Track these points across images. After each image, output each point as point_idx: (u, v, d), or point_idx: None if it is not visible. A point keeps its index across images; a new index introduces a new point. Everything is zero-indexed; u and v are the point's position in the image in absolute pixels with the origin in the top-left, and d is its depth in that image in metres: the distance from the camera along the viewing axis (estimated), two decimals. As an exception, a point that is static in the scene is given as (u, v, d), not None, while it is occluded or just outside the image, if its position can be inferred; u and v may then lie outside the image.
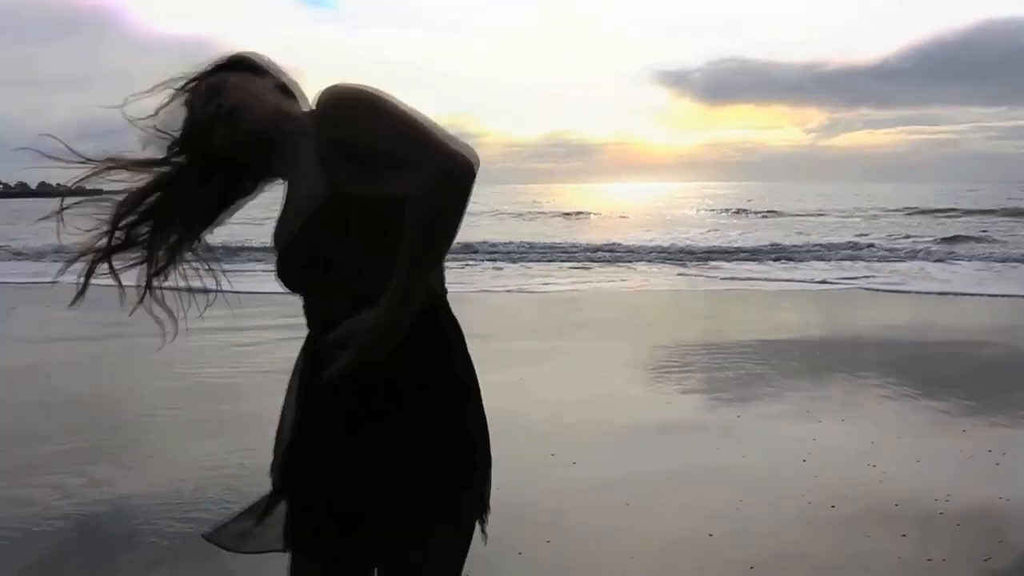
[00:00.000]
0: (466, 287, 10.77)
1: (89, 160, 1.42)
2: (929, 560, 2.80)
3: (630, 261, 14.09)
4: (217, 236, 1.55)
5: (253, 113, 1.36)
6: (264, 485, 1.42)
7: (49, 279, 1.53)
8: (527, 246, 16.68)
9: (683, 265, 13.41)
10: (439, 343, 1.33)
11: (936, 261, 13.54)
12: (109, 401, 5.14)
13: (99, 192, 1.45)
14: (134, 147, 1.45)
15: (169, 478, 3.62)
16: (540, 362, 5.63)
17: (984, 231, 19.95)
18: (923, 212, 28.22)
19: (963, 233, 19.32)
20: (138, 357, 6.56)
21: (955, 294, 9.92)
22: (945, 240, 17.19)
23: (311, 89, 1.35)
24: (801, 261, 13.79)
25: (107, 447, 4.11)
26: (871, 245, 16.16)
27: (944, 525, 3.08)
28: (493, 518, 1.40)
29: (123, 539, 3.03)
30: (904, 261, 13.62)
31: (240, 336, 7.32)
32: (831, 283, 11.08)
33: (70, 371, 6.13)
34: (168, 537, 3.02)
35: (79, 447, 4.12)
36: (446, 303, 1.37)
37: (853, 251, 14.92)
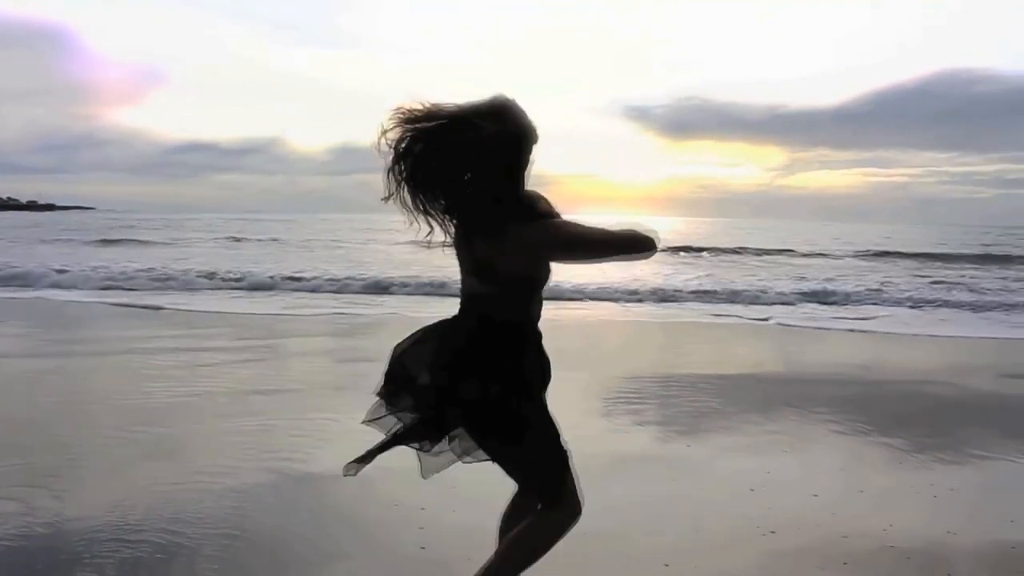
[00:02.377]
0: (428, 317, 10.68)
1: None
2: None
3: (583, 295, 13.86)
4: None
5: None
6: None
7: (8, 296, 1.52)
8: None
9: (639, 300, 13.42)
10: None
11: (887, 304, 13.77)
12: (51, 421, 4.91)
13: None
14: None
15: (113, 502, 3.48)
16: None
17: (936, 273, 20.55)
18: (878, 253, 28.87)
19: (916, 274, 19.84)
20: (90, 376, 6.43)
21: (905, 335, 10.15)
22: (897, 281, 17.57)
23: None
24: (756, 299, 13.91)
25: (47, 469, 3.95)
26: (826, 284, 16.44)
27: (891, 557, 3.14)
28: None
29: (63, 565, 2.90)
30: (858, 302, 13.85)
31: (199, 356, 7.22)
32: (784, 320, 11.26)
33: (12, 389, 5.95)
34: (111, 563, 2.91)
35: (16, 468, 3.96)
36: None
37: (808, 291, 15.11)
